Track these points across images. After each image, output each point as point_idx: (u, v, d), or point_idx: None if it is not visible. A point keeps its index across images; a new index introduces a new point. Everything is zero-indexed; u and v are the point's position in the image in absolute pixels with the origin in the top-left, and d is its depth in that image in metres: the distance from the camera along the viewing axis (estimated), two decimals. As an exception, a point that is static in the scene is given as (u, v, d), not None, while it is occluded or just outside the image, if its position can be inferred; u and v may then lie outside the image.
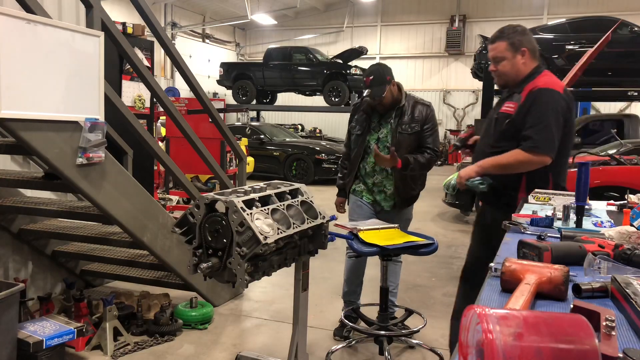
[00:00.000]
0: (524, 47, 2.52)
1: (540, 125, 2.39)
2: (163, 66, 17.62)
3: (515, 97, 2.50)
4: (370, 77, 3.25)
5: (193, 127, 4.05)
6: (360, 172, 3.47)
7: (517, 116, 2.45)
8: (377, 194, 3.44)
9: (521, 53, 2.52)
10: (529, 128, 2.40)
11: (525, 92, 2.45)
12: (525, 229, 2.28)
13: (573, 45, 9.58)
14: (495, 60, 2.56)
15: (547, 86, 2.45)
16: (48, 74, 2.53)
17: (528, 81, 2.50)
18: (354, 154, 3.47)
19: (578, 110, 14.64)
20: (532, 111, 2.41)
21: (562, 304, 1.36)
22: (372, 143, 3.38)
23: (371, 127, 3.41)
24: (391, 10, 20.13)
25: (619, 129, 8.73)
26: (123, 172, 3.16)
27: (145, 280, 3.91)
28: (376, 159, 3.24)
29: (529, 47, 2.53)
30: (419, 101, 3.40)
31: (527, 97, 2.44)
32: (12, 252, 3.74)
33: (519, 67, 2.53)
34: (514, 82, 2.56)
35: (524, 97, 2.44)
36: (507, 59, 2.52)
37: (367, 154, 3.42)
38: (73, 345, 3.16)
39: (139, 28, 5.79)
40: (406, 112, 3.33)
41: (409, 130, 3.29)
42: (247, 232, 2.07)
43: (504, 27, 2.59)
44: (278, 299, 4.25)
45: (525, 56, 2.52)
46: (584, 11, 16.22)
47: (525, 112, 2.42)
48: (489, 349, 0.78)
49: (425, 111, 3.35)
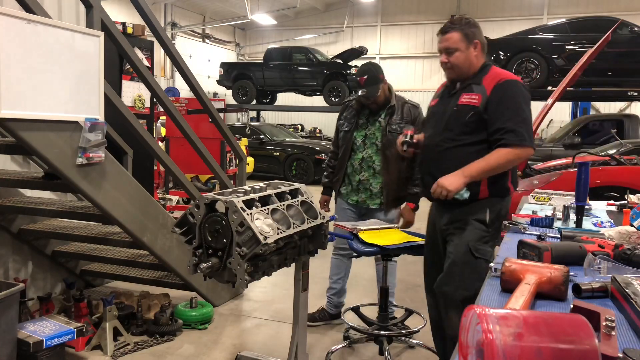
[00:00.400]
0: (477, 40, 2.45)
1: (518, 118, 2.32)
2: (163, 66, 17.61)
3: (475, 89, 2.40)
4: (364, 77, 3.27)
5: (193, 127, 4.05)
6: (347, 170, 3.48)
7: (484, 108, 2.36)
8: (362, 192, 3.44)
9: (474, 45, 2.44)
10: (507, 121, 2.32)
11: (491, 84, 2.37)
12: (525, 229, 2.28)
13: (573, 45, 9.58)
14: (448, 52, 2.45)
15: (512, 78, 2.42)
16: (48, 74, 2.53)
17: (483, 74, 2.44)
18: (342, 151, 3.49)
19: (578, 110, 14.64)
20: (505, 103, 2.34)
21: (562, 304, 1.36)
22: (359, 139, 3.41)
23: (359, 124, 3.43)
24: (391, 10, 20.12)
25: (619, 129, 8.73)
26: (123, 172, 3.16)
27: (145, 280, 3.90)
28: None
29: (481, 40, 2.46)
30: (407, 102, 3.44)
31: (495, 88, 2.36)
32: (12, 252, 3.74)
33: (471, 60, 2.45)
34: (465, 75, 2.47)
35: (491, 88, 2.36)
36: (460, 50, 2.43)
37: (354, 151, 3.43)
38: (73, 345, 3.16)
39: (139, 28, 5.79)
40: (396, 111, 3.36)
41: (398, 129, 3.30)
42: (247, 232, 2.07)
43: (454, 18, 2.52)
44: (278, 299, 4.25)
45: (478, 49, 2.45)
46: (584, 11, 16.21)
47: (496, 103, 2.34)
48: (489, 349, 0.78)
49: (414, 112, 3.38)
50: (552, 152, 8.61)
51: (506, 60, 9.93)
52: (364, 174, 3.41)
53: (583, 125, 9.46)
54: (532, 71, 9.78)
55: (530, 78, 9.80)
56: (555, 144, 9.03)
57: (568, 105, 15.37)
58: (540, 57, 9.71)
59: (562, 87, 5.22)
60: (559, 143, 9.00)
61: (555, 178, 4.94)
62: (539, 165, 6.04)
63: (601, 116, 12.21)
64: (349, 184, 3.48)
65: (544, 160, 6.94)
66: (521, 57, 9.84)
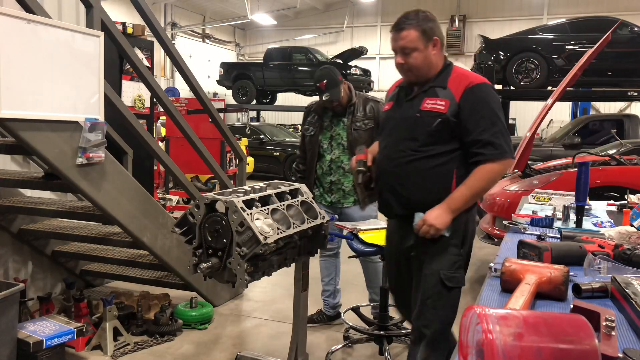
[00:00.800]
0: (436, 37, 2.17)
1: (495, 128, 2.08)
2: (163, 66, 17.61)
3: (440, 93, 2.14)
4: (324, 82, 3.28)
5: (193, 127, 4.05)
6: (317, 173, 3.49)
7: (453, 115, 2.10)
8: (335, 192, 3.44)
9: (433, 43, 2.16)
10: (483, 132, 2.07)
11: (459, 88, 2.12)
12: (525, 229, 2.28)
13: (573, 45, 9.58)
14: (404, 52, 2.15)
15: (482, 81, 2.16)
16: (48, 74, 2.53)
17: (446, 75, 2.18)
18: (309, 155, 3.50)
19: (578, 110, 14.64)
20: (480, 111, 2.09)
21: (562, 304, 1.36)
22: (326, 142, 3.41)
23: (323, 127, 3.44)
24: (391, 10, 20.09)
25: (619, 129, 8.72)
26: (123, 172, 3.16)
27: (145, 280, 3.90)
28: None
29: (440, 36, 2.19)
30: (369, 98, 3.45)
31: (465, 93, 2.10)
32: (12, 252, 3.74)
33: (431, 60, 2.16)
34: (425, 78, 2.19)
35: (460, 93, 2.10)
36: (418, 50, 2.13)
37: (321, 154, 3.45)
38: (73, 345, 3.16)
39: (139, 28, 5.79)
40: (358, 109, 3.37)
41: (363, 127, 3.32)
42: (247, 232, 2.07)
43: (409, 13, 2.18)
44: (278, 299, 4.25)
45: (437, 47, 2.18)
46: (584, 11, 16.20)
47: (469, 112, 2.09)
48: (489, 349, 0.78)
49: (376, 107, 3.37)
50: (552, 152, 8.61)
51: (506, 60, 9.93)
52: (335, 175, 3.42)
53: (583, 125, 9.46)
54: (532, 71, 9.78)
55: (530, 78, 9.80)
56: (555, 144, 9.03)
57: (568, 105, 15.38)
58: (540, 57, 9.71)
59: (562, 87, 5.21)
60: (559, 143, 9.00)
61: (555, 178, 4.94)
62: (539, 165, 6.04)
63: (601, 116, 12.21)
64: (320, 186, 3.50)
65: (544, 160, 6.93)
66: (521, 57, 9.84)
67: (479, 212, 7.03)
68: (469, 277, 4.97)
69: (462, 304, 4.42)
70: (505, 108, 11.45)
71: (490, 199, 5.19)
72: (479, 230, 5.20)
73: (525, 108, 15.69)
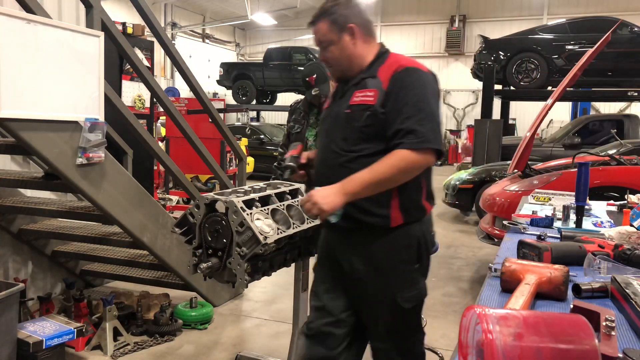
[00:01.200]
0: (352, 24, 1.89)
1: (421, 114, 1.75)
2: (163, 66, 17.60)
3: (370, 83, 1.86)
4: (313, 76, 3.27)
5: (193, 127, 4.06)
6: None
7: (381, 106, 1.80)
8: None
9: (349, 32, 1.89)
10: (406, 120, 1.75)
11: (387, 74, 1.83)
12: (525, 229, 2.28)
13: (573, 45, 9.59)
14: (322, 47, 1.94)
15: (414, 65, 1.86)
16: (48, 74, 2.53)
17: (379, 64, 1.90)
18: None
19: (578, 110, 14.64)
20: (405, 97, 1.78)
21: (562, 304, 1.36)
22: (311, 139, 3.39)
23: (309, 124, 3.43)
24: (391, 10, 20.12)
25: (619, 129, 8.73)
26: (123, 172, 3.16)
27: (145, 280, 3.90)
28: None
29: (357, 21, 1.90)
30: None
31: (391, 79, 1.81)
32: (12, 252, 3.74)
33: (351, 51, 1.91)
34: (352, 71, 1.93)
35: (388, 80, 1.82)
36: (334, 42, 1.90)
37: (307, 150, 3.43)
38: (73, 345, 3.16)
39: (139, 28, 5.79)
40: None
41: None
42: (247, 232, 2.07)
43: (324, 4, 1.94)
44: (278, 299, 4.25)
45: (357, 35, 1.90)
46: (584, 11, 16.21)
47: (393, 99, 1.79)
48: (489, 349, 0.78)
49: None
50: (552, 152, 8.61)
51: (506, 60, 9.94)
52: None
53: (583, 125, 9.46)
54: (532, 71, 9.79)
55: (530, 78, 9.81)
56: (555, 144, 9.03)
57: (568, 105, 15.39)
58: (540, 57, 9.72)
59: (562, 87, 5.21)
60: (559, 143, 9.00)
61: (555, 178, 4.94)
62: (539, 165, 6.04)
63: (601, 116, 12.21)
64: None
65: (544, 160, 6.94)
66: (521, 57, 9.86)
67: (479, 212, 7.07)
68: (469, 277, 4.97)
69: (462, 304, 4.42)
70: (505, 108, 11.47)
71: (490, 199, 5.19)
72: (479, 230, 5.20)
73: (525, 108, 15.72)
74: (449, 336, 3.55)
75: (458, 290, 4.60)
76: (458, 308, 4.13)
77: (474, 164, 8.82)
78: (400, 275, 1.88)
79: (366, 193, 1.79)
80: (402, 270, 1.88)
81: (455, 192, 7.25)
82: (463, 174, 7.49)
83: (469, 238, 6.53)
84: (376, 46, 1.96)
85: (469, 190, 7.16)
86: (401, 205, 1.85)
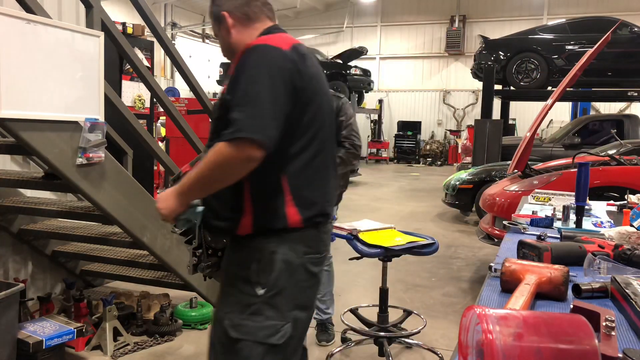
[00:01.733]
0: (223, 12, 1.74)
1: (245, 99, 1.51)
2: (163, 66, 17.61)
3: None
4: None
5: (193, 127, 4.05)
6: None
7: (229, 94, 1.60)
8: None
9: (223, 21, 1.75)
10: (234, 107, 1.51)
11: (237, 58, 1.66)
12: (525, 229, 2.28)
13: (573, 45, 9.60)
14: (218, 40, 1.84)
15: (262, 42, 1.61)
16: (48, 74, 2.53)
17: None
18: None
19: (578, 110, 14.65)
20: (239, 81, 1.56)
21: (562, 304, 1.36)
22: None
23: None
24: (391, 11, 20.13)
25: (618, 129, 8.73)
26: (123, 172, 3.16)
27: (145, 280, 3.90)
28: None
29: (228, 9, 1.74)
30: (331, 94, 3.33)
31: (237, 63, 1.63)
32: (12, 252, 3.74)
33: (227, 40, 1.78)
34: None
35: (234, 66, 1.65)
36: (217, 35, 1.82)
37: None
38: (73, 346, 3.16)
39: (139, 28, 5.79)
40: None
41: None
42: (247, 232, 2.06)
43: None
44: (278, 299, 4.24)
45: (227, 24, 1.75)
46: (584, 11, 16.22)
47: (233, 85, 1.58)
48: (489, 349, 0.78)
49: (337, 102, 3.14)
50: (552, 152, 8.62)
51: (506, 61, 9.95)
52: None
53: (583, 126, 9.47)
54: (532, 71, 9.79)
55: (530, 78, 9.81)
56: (555, 144, 9.04)
57: (568, 105, 15.39)
58: (540, 57, 9.72)
59: (562, 87, 5.21)
60: (559, 143, 9.01)
61: (555, 178, 4.95)
62: (539, 165, 6.05)
63: (601, 116, 12.22)
64: None
65: (544, 160, 6.94)
66: (521, 57, 9.86)
67: (479, 212, 7.06)
68: (469, 277, 4.98)
69: (462, 304, 4.42)
70: (505, 108, 11.47)
71: (490, 199, 5.19)
72: (479, 230, 5.20)
73: (525, 108, 15.73)
74: (449, 336, 3.55)
75: (458, 290, 4.60)
76: (458, 308, 4.13)
77: (474, 164, 8.83)
78: (235, 294, 1.63)
79: (200, 193, 1.62)
80: (238, 290, 1.63)
81: (455, 192, 7.26)
82: (463, 174, 7.49)
83: (469, 238, 6.53)
84: (260, 29, 1.74)
85: (469, 190, 7.16)
86: (254, 210, 1.61)
